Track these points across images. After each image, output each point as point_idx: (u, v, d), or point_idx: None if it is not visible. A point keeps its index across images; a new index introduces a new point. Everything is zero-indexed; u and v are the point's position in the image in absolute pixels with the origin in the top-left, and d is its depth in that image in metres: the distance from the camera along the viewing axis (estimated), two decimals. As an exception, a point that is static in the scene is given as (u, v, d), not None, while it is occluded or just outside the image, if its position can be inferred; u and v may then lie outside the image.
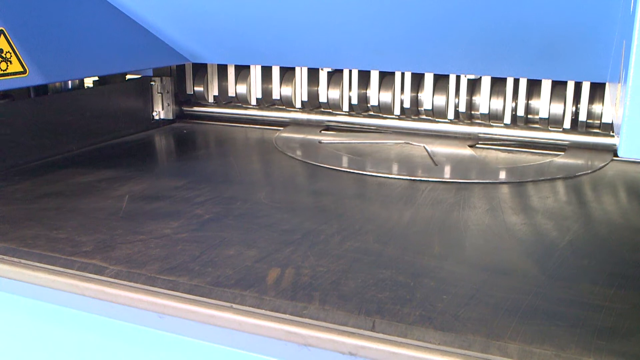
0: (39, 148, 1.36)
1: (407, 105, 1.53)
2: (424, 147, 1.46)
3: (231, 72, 1.70)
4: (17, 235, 0.92)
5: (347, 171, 1.29)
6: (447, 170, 1.29)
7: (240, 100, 1.71)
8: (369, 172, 1.27)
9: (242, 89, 1.70)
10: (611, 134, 1.37)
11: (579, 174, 1.25)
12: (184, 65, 1.72)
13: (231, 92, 1.71)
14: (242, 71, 1.70)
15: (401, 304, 0.71)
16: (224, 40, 1.46)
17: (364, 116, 1.61)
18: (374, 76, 1.55)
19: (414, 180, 1.22)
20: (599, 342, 0.64)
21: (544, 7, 1.06)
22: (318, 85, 1.62)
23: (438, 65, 1.40)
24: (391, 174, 1.25)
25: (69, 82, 1.46)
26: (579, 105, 1.39)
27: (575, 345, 0.63)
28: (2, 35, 1.13)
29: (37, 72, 1.19)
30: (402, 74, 1.53)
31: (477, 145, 1.49)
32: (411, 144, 1.49)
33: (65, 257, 0.84)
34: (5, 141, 1.28)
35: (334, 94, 1.60)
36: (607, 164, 1.31)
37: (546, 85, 1.40)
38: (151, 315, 0.77)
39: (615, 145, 1.36)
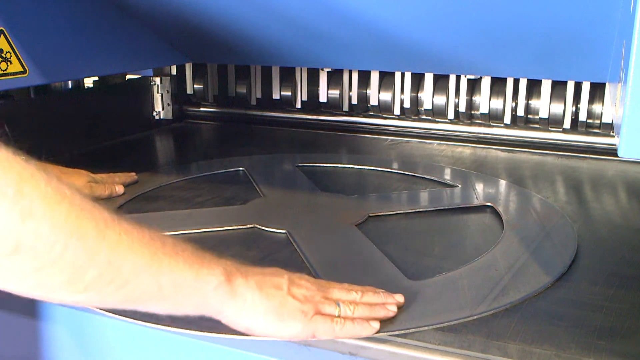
0: (38, 148, 1.36)
1: (407, 105, 1.53)
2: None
3: (231, 72, 1.70)
4: (17, 235, 0.92)
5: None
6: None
7: (240, 100, 1.71)
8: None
9: (242, 89, 1.70)
10: (611, 134, 1.37)
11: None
12: (184, 65, 1.72)
13: (231, 92, 1.71)
14: (242, 71, 1.69)
15: (401, 304, 0.71)
16: (224, 40, 1.46)
17: (364, 116, 1.61)
18: (374, 76, 1.55)
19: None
20: (599, 342, 0.64)
21: (544, 7, 1.06)
22: (318, 85, 1.62)
23: (438, 65, 1.40)
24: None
25: (69, 82, 1.46)
26: (579, 105, 1.39)
27: (575, 345, 0.63)
28: (2, 35, 1.13)
29: (37, 72, 1.19)
30: (402, 74, 1.53)
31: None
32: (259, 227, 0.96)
33: (65, 257, 0.84)
34: (5, 141, 1.28)
35: (334, 93, 1.60)
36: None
37: (546, 85, 1.40)
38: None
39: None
